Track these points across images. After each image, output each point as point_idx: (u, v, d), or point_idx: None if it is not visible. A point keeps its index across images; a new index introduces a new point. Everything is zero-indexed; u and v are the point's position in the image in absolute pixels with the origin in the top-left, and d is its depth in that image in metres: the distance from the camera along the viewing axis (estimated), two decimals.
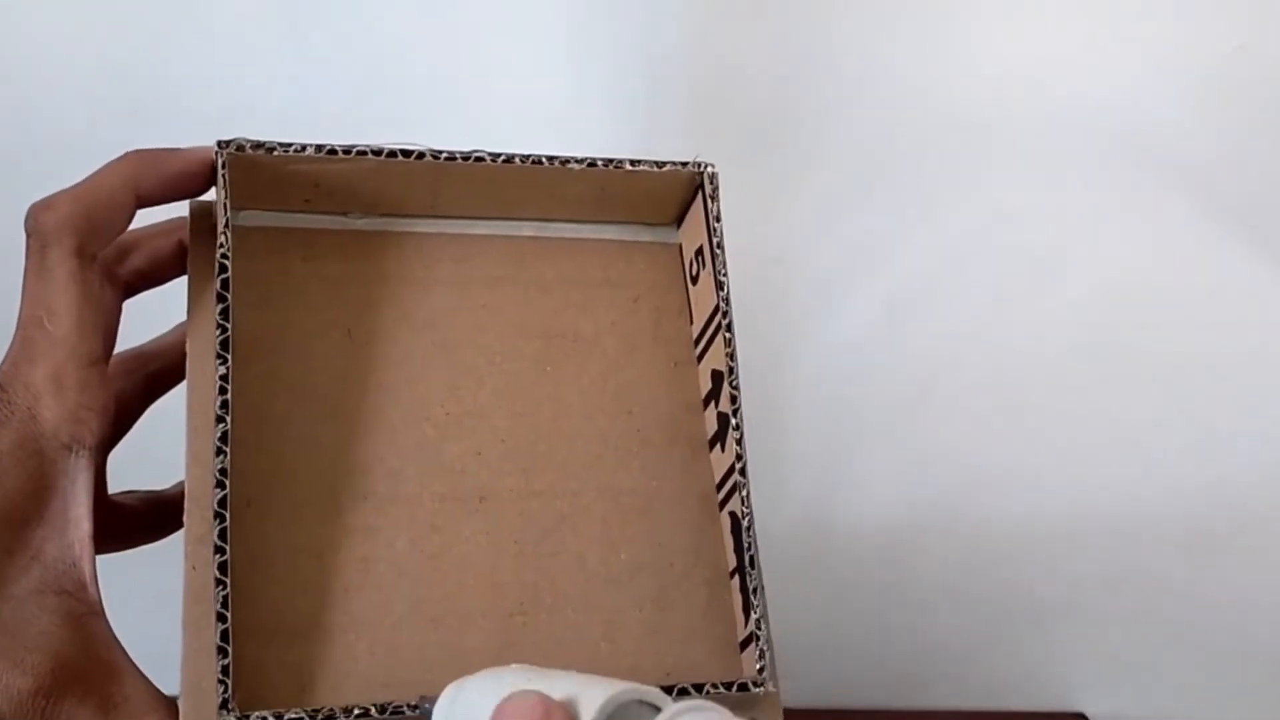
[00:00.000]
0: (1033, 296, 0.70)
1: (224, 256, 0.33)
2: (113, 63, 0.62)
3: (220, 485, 0.31)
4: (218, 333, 0.32)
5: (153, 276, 0.36)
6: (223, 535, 0.31)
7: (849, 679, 0.83)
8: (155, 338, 0.39)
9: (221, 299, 0.32)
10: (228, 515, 0.31)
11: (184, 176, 0.34)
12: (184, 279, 0.35)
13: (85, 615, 0.31)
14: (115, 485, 0.37)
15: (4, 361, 0.32)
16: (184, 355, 0.34)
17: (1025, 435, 0.74)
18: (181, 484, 0.35)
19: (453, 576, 0.34)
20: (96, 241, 0.33)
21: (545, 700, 0.25)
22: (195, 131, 0.63)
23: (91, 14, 0.61)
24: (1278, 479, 0.75)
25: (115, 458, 0.36)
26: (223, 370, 0.32)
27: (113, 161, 0.34)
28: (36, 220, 0.32)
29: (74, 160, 0.63)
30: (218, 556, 0.30)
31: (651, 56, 0.64)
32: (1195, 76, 0.64)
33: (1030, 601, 0.80)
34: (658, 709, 0.24)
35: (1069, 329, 0.71)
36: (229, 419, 0.32)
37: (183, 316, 0.35)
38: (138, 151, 0.34)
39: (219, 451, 0.31)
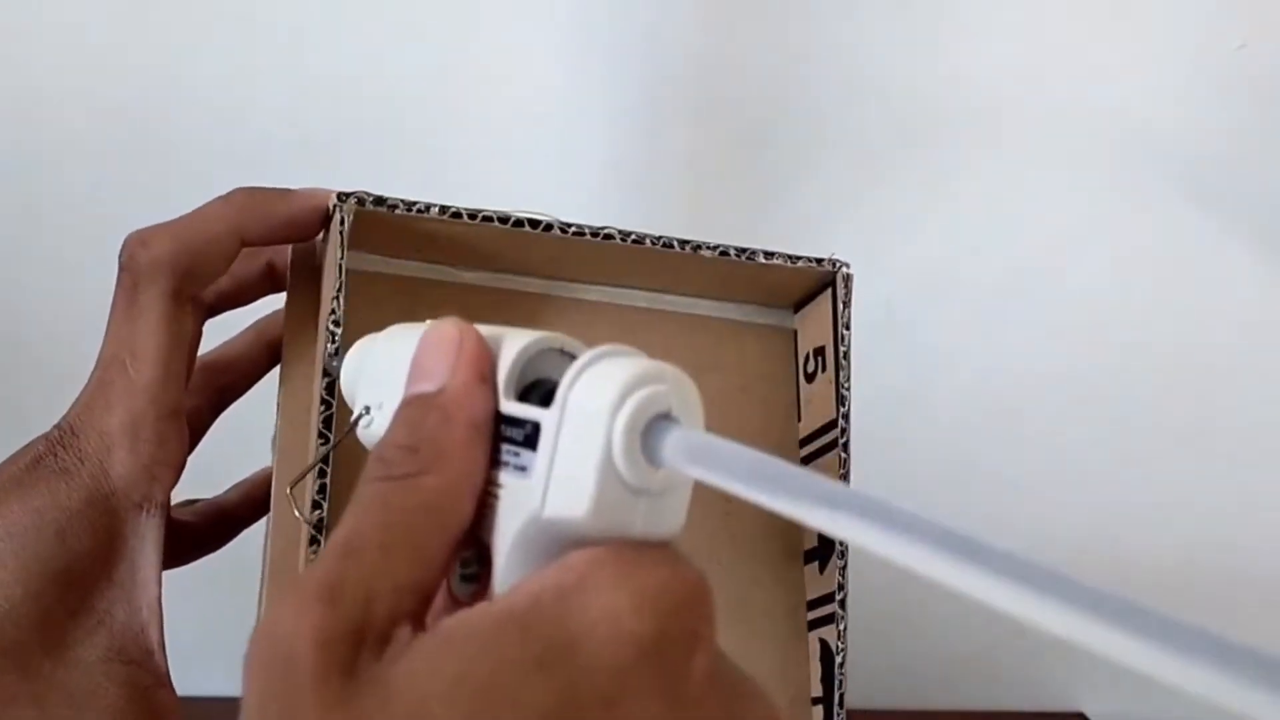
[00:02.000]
0: (1032, 298, 0.70)
1: (335, 323, 0.31)
2: (113, 63, 0.62)
3: (321, 473, 0.30)
4: (322, 395, 0.30)
5: (236, 299, 0.35)
6: (322, 489, 0.30)
7: (849, 679, 0.83)
8: (222, 345, 0.37)
9: (332, 338, 0.31)
10: (328, 470, 0.29)
11: (293, 225, 0.33)
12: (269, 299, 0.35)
13: (152, 687, 0.29)
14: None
15: (77, 404, 0.30)
16: (253, 363, 0.34)
17: (1024, 435, 0.74)
18: (237, 487, 0.34)
19: None
20: (194, 285, 0.31)
21: (464, 329, 0.23)
22: (195, 131, 0.63)
23: (92, 14, 0.60)
24: (1278, 479, 0.75)
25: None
26: (324, 382, 0.30)
27: (219, 200, 0.32)
28: (132, 255, 0.30)
29: (74, 160, 0.63)
30: (315, 512, 0.29)
31: (652, 56, 0.64)
32: (1195, 76, 0.64)
33: None
34: (575, 358, 0.22)
35: (1069, 329, 0.71)
36: (334, 402, 0.30)
37: (244, 318, 0.35)
38: (246, 191, 0.32)
39: (321, 435, 0.30)
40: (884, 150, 0.66)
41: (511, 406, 0.23)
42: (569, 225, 0.34)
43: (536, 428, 0.22)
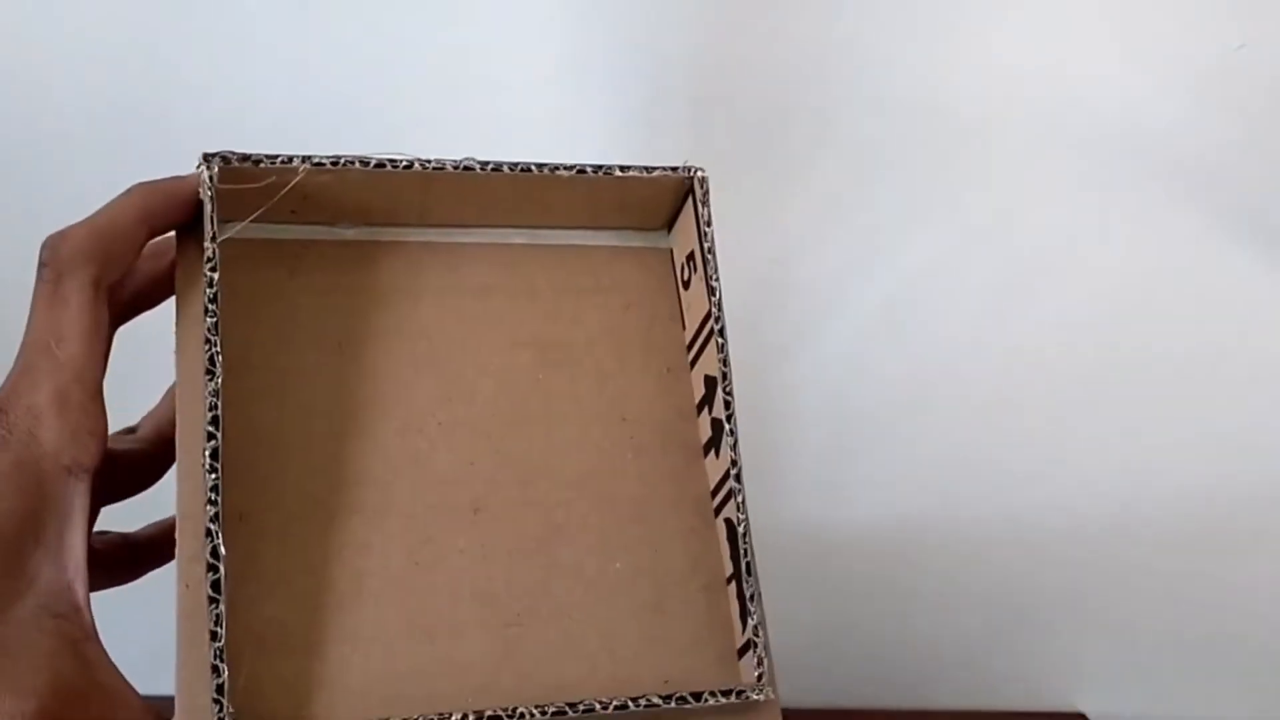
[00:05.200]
0: (1033, 297, 0.70)
1: (211, 268, 0.33)
2: (114, 63, 0.62)
3: (212, 502, 0.31)
4: (205, 348, 0.32)
5: (148, 299, 0.36)
6: (214, 553, 0.30)
7: (849, 679, 0.83)
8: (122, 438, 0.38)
9: (210, 313, 0.32)
10: (219, 531, 0.31)
11: (194, 204, 0.35)
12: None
13: (82, 640, 0.31)
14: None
15: (3, 387, 0.32)
16: (151, 460, 0.35)
17: (1025, 436, 0.75)
18: (152, 526, 0.34)
19: (447, 589, 0.34)
20: (111, 272, 0.33)
21: None
22: (195, 132, 0.63)
23: (92, 14, 0.61)
24: (1278, 479, 0.75)
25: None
26: (212, 386, 0.32)
27: (122, 195, 0.34)
28: (54, 250, 0.32)
29: (75, 160, 0.63)
30: (210, 575, 0.30)
31: (652, 57, 0.64)
32: (1195, 76, 0.64)
33: (1030, 601, 0.80)
34: None
35: (1069, 329, 0.71)
36: (219, 435, 0.31)
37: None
38: (145, 183, 0.34)
39: (210, 469, 0.31)
40: (884, 150, 0.66)
41: None
42: (428, 160, 0.36)
43: None
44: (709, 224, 0.38)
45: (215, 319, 0.32)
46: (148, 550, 0.37)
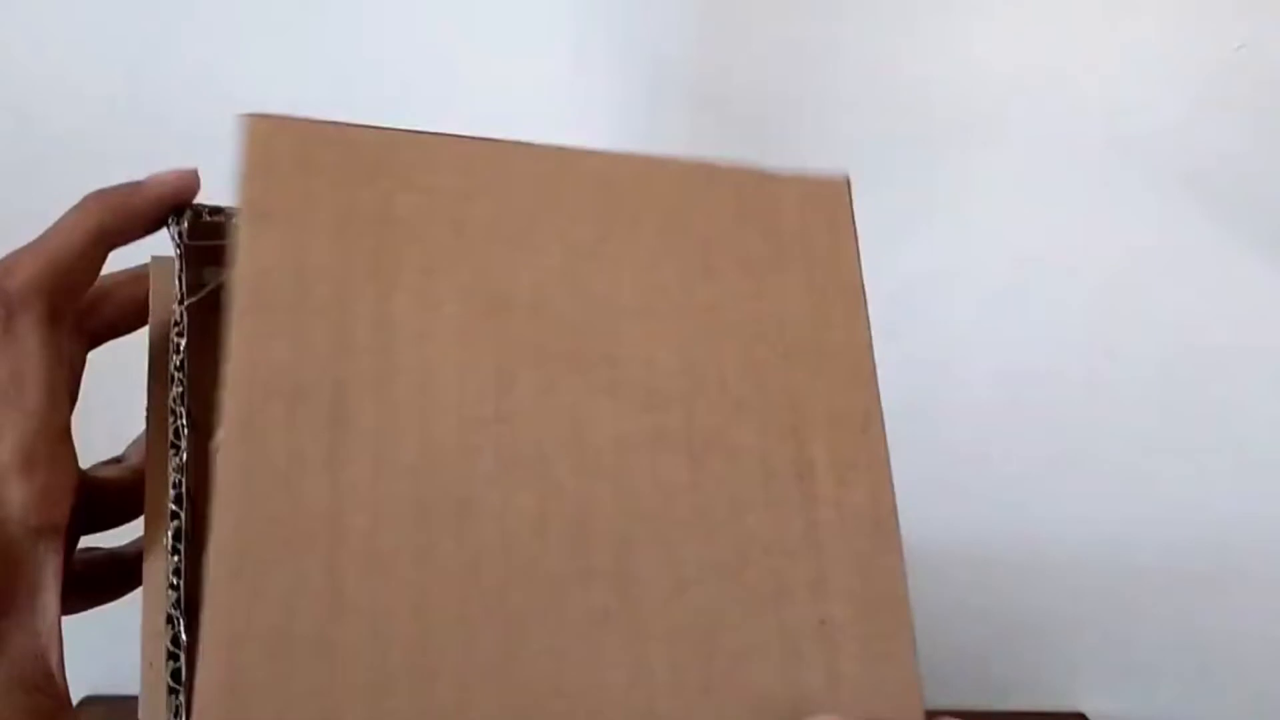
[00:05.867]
0: (1033, 297, 0.70)
1: (179, 334, 0.30)
2: (114, 63, 0.62)
3: (174, 587, 0.29)
4: (171, 419, 0.29)
5: (121, 326, 0.34)
6: (175, 640, 0.28)
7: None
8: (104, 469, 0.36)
9: (177, 381, 0.30)
10: (180, 618, 0.28)
11: (150, 217, 0.32)
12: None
13: (55, 711, 0.29)
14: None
15: None
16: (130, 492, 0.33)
17: (1025, 436, 0.74)
18: (139, 541, 0.32)
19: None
20: (67, 302, 0.30)
21: None
22: (195, 132, 0.63)
23: (93, 14, 0.60)
24: (1278, 479, 0.75)
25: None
26: (176, 461, 0.29)
27: (73, 211, 0.31)
28: (1, 287, 0.30)
29: (75, 161, 0.63)
30: (171, 663, 0.28)
31: (653, 56, 0.64)
32: (1195, 76, 0.64)
33: (1031, 601, 0.80)
34: None
35: (1069, 330, 0.71)
36: (183, 515, 0.29)
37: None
38: (97, 195, 0.32)
39: (173, 550, 0.29)
40: (883, 153, 0.66)
41: None
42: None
43: None
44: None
45: (182, 388, 0.30)
46: (136, 566, 0.35)
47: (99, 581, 0.35)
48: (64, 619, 0.30)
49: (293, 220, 0.28)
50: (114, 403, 0.36)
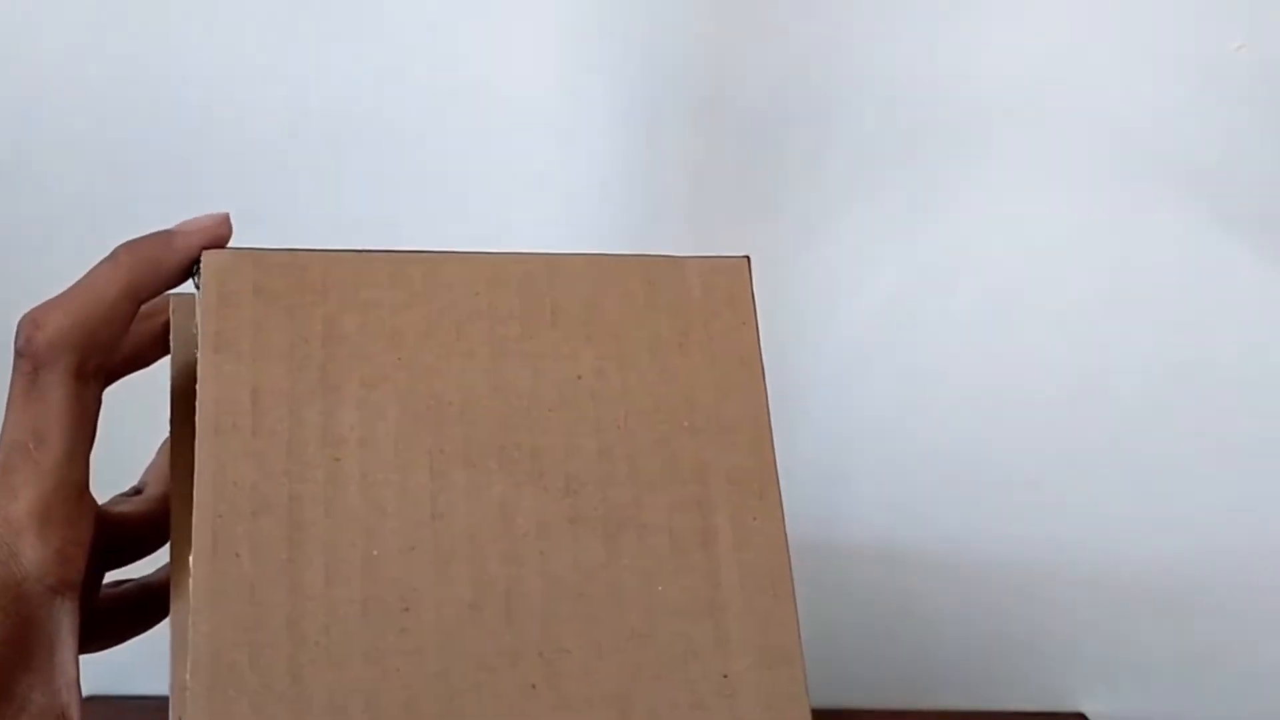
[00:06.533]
0: (1033, 298, 0.70)
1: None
2: (114, 63, 0.62)
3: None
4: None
5: (138, 362, 0.34)
6: None
7: (849, 679, 0.83)
8: (122, 503, 0.35)
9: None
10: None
11: (182, 269, 0.32)
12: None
13: None
14: None
15: None
16: (153, 525, 0.33)
17: (1025, 436, 0.74)
18: (168, 569, 0.33)
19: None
20: (95, 357, 0.30)
21: None
22: (196, 132, 0.63)
23: (93, 14, 0.60)
24: (1279, 480, 0.75)
25: None
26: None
27: (105, 263, 0.31)
28: (29, 339, 0.29)
29: (76, 161, 0.63)
30: None
31: (652, 56, 0.64)
32: (1195, 76, 0.64)
33: (1031, 601, 0.80)
34: None
35: (1069, 330, 0.71)
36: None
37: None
38: (129, 248, 0.31)
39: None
40: (884, 152, 0.66)
41: None
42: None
43: None
44: None
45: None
46: (166, 593, 0.35)
47: (131, 614, 0.35)
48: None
49: (249, 348, 0.32)
50: (126, 425, 0.36)
